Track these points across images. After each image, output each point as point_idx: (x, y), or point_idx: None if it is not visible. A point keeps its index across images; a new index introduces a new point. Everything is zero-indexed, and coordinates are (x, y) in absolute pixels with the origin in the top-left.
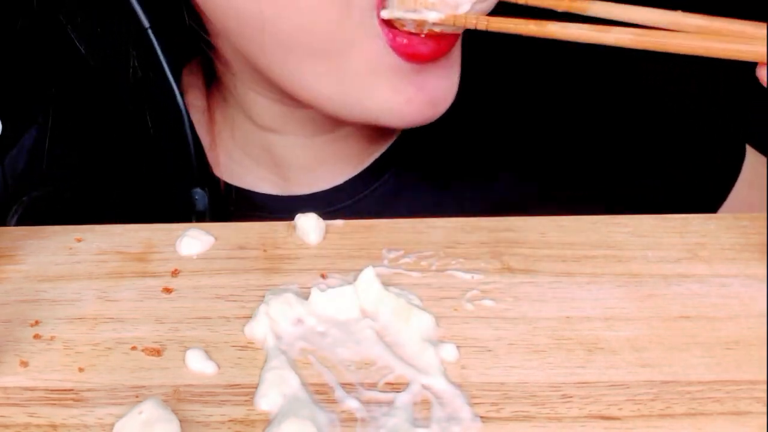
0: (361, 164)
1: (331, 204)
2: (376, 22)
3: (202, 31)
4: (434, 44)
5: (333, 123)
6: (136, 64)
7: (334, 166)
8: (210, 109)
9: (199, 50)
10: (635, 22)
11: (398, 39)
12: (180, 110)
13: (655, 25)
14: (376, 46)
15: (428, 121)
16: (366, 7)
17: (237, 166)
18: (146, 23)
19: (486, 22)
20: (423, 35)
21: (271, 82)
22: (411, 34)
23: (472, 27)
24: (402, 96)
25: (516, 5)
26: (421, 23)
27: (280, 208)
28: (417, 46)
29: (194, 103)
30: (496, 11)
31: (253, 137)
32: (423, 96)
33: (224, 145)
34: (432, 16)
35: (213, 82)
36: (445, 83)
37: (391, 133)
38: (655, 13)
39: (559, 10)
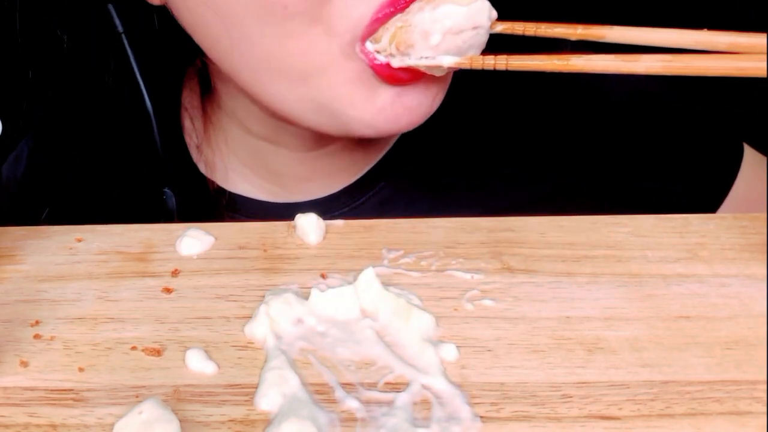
0: (357, 174)
1: (327, 212)
2: (358, 50)
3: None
4: (414, 71)
5: (325, 137)
6: (112, 66)
7: (329, 177)
8: (206, 114)
9: (195, 55)
10: (658, 44)
11: (377, 61)
12: (148, 114)
13: (680, 46)
14: (357, 67)
15: (403, 131)
16: (348, 40)
17: (232, 172)
18: (120, 28)
19: (505, 62)
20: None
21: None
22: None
23: (491, 68)
24: (377, 105)
25: (524, 36)
26: (431, 68)
27: (275, 215)
28: (396, 72)
29: (190, 106)
30: (506, 41)
31: (247, 145)
32: (398, 106)
33: (220, 150)
34: (447, 61)
35: (209, 87)
36: (425, 98)
37: (385, 143)
38: (678, 34)
39: (573, 39)
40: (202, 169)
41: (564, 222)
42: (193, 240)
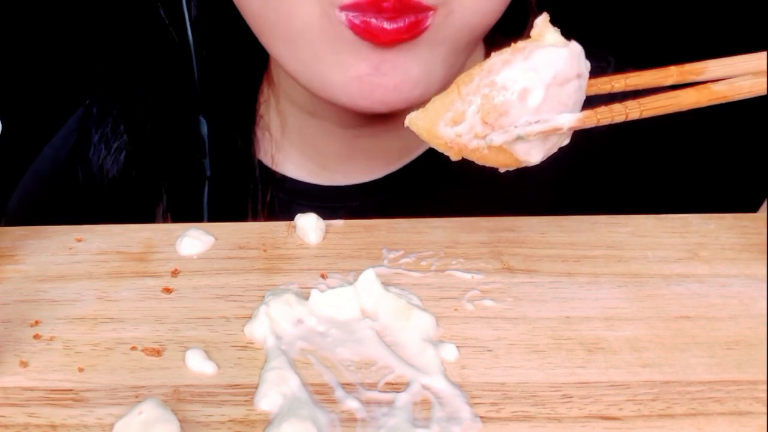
0: (402, 159)
1: (369, 197)
2: (337, 12)
3: None
4: (394, 32)
5: (360, 116)
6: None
7: (371, 160)
8: (265, 87)
9: None
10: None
11: (355, 20)
12: (189, 46)
13: None
14: (337, 30)
15: (388, 109)
16: (327, 3)
17: (278, 152)
18: None
19: (639, 109)
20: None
21: None
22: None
23: (622, 120)
24: (352, 72)
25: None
26: (547, 133)
27: (318, 197)
28: (374, 29)
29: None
30: None
31: (293, 117)
32: (376, 77)
33: (268, 128)
34: (567, 120)
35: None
36: (410, 68)
37: None
38: None
39: (667, 84)
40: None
41: (564, 222)
42: (193, 240)
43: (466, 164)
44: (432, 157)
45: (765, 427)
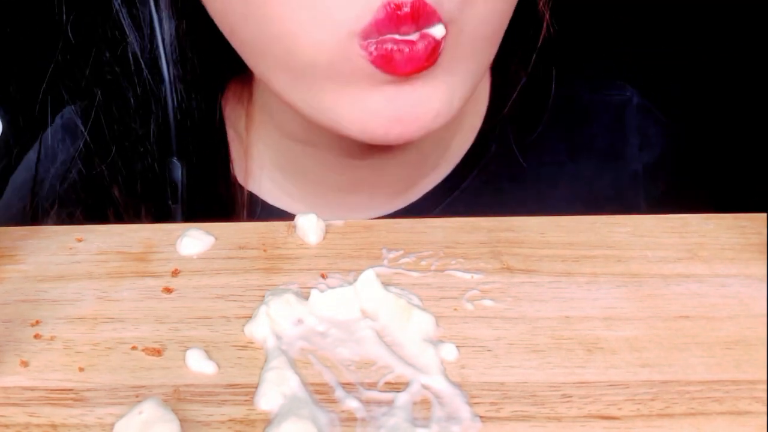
0: (406, 195)
1: None
2: (357, 43)
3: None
4: (413, 58)
5: (363, 148)
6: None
7: (377, 193)
8: (249, 118)
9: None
10: None
11: (378, 49)
12: (163, 80)
13: None
14: (354, 64)
15: (402, 140)
16: (345, 34)
17: (271, 184)
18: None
19: None
20: (402, 44)
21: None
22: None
23: None
24: (367, 105)
25: None
26: None
27: None
28: (395, 56)
29: (235, 112)
30: None
31: (286, 149)
32: (393, 110)
33: (263, 161)
34: None
35: (251, 90)
36: (430, 96)
37: (443, 161)
38: None
39: None
40: (241, 180)
41: (564, 222)
42: (193, 240)
43: (486, 186)
44: (439, 194)
45: (764, 427)
